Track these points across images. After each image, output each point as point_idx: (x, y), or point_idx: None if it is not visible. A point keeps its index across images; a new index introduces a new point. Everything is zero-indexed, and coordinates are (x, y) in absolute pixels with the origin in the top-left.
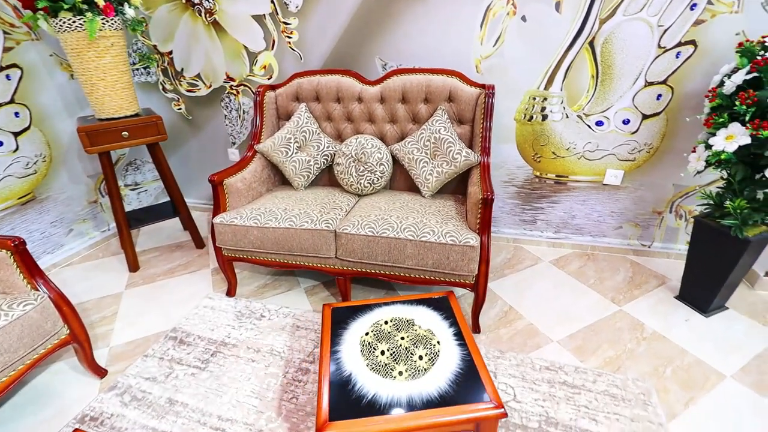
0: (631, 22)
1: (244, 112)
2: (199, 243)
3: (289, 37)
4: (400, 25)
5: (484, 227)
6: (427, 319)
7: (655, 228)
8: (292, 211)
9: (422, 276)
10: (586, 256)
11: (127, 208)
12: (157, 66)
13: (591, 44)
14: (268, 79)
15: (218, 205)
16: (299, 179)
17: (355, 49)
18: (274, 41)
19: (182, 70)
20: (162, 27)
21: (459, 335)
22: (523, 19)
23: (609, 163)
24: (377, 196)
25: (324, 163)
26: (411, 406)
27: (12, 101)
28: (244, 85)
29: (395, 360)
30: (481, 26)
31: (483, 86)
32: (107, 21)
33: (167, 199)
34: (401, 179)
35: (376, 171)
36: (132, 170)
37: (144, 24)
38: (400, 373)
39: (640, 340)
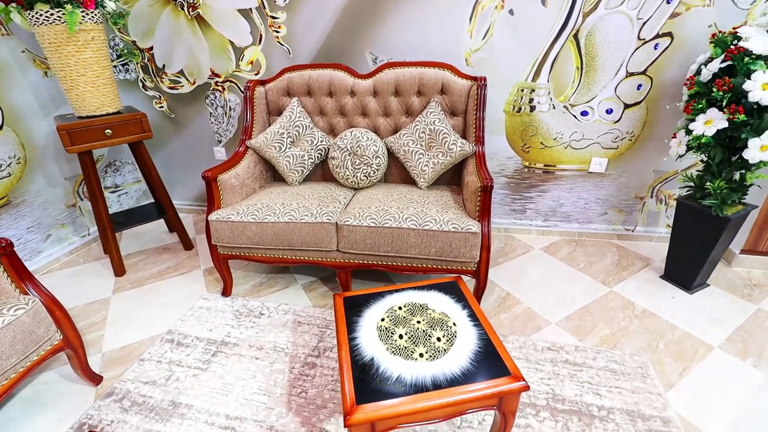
0: (612, 15)
1: (230, 109)
2: (187, 244)
3: (277, 32)
4: (390, 20)
5: (484, 214)
6: (440, 302)
7: (638, 213)
8: (291, 205)
9: (424, 265)
10: (574, 242)
11: (110, 211)
12: (137, 62)
13: (576, 37)
14: (256, 74)
15: (212, 201)
16: (293, 174)
17: (345, 44)
18: (261, 36)
19: (164, 66)
20: (142, 22)
21: (473, 316)
22: (511, 12)
23: (594, 151)
24: (374, 189)
25: (318, 157)
26: (436, 385)
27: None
28: (231, 82)
29: (414, 343)
30: (470, 20)
31: (475, 78)
32: (87, 13)
33: (149, 201)
34: (396, 172)
35: (372, 164)
36: (111, 172)
37: (125, 17)
38: (421, 354)
39: (632, 318)
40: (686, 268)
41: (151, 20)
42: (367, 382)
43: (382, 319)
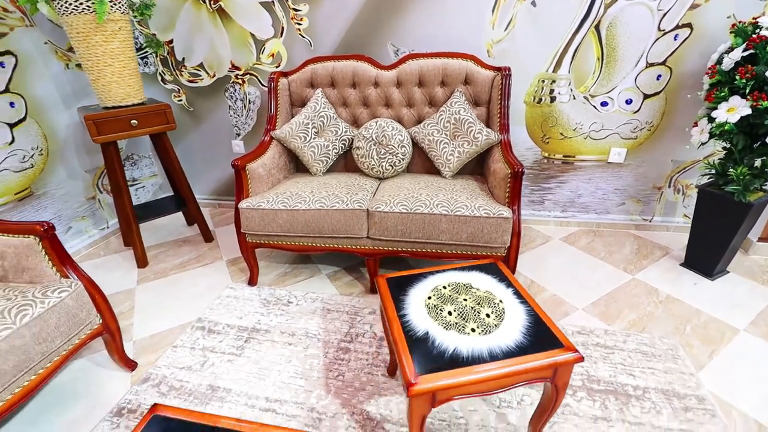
0: (633, 7)
1: (250, 102)
2: (207, 237)
3: (299, 24)
4: (412, 12)
5: (514, 199)
6: (483, 282)
7: (656, 203)
8: (320, 193)
9: (454, 251)
10: (592, 232)
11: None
12: (159, 55)
13: (597, 28)
14: (277, 66)
15: (241, 190)
16: (318, 165)
17: (367, 36)
18: (283, 28)
19: (183, 59)
20: (163, 15)
21: (518, 294)
22: (533, 3)
23: (613, 141)
24: (399, 178)
25: (342, 148)
26: (493, 357)
27: (7, 90)
28: (251, 74)
29: (464, 319)
30: (493, 11)
31: (499, 69)
32: (115, 4)
33: (166, 194)
34: (418, 162)
35: (397, 153)
36: (129, 165)
37: (151, 9)
38: (473, 329)
39: (657, 304)
40: (707, 255)
41: (172, 13)
42: (424, 355)
43: (429, 297)
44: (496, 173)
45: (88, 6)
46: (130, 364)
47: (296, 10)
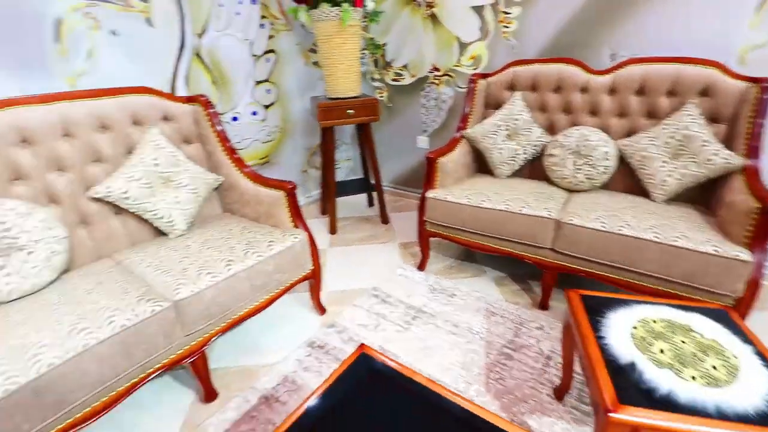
0: None
1: (442, 102)
2: (385, 219)
3: (507, 27)
4: (639, 12)
5: (759, 241)
6: (707, 328)
7: None
8: (504, 195)
9: (660, 287)
10: None
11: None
12: (376, 56)
13: None
14: (475, 69)
15: (430, 181)
16: (503, 167)
17: (578, 39)
18: (488, 32)
19: (392, 61)
20: (382, 21)
21: (761, 355)
22: None
23: None
24: (594, 194)
25: (532, 154)
26: (722, 416)
27: (267, 80)
28: (448, 75)
29: (680, 362)
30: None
31: (756, 80)
32: (356, 11)
33: (356, 177)
34: (620, 179)
35: (598, 166)
36: None
37: (380, 15)
38: (693, 377)
39: None
40: None
41: (390, 18)
42: (628, 386)
43: (635, 328)
44: (733, 206)
45: (336, 14)
46: (322, 309)
47: (506, 12)
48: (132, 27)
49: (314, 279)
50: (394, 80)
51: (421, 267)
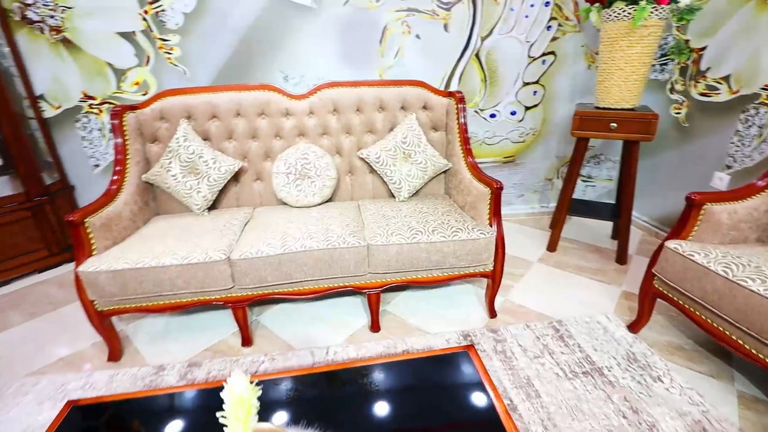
0: None
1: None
2: (622, 258)
3: None
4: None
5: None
6: None
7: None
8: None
9: None
10: None
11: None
12: (680, 63)
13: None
14: None
15: (680, 227)
16: None
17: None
18: None
19: (707, 69)
20: (706, 18)
21: None
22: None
23: None
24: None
25: None
26: None
27: (537, 82)
28: None
29: None
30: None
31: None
32: (657, 9)
33: (609, 201)
34: None
35: None
36: (593, 163)
37: (694, 13)
38: None
39: None
40: None
41: (718, 18)
42: None
43: None
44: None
45: (628, 13)
46: (492, 312)
47: None
48: (432, 32)
49: (492, 280)
50: (702, 94)
51: (633, 328)
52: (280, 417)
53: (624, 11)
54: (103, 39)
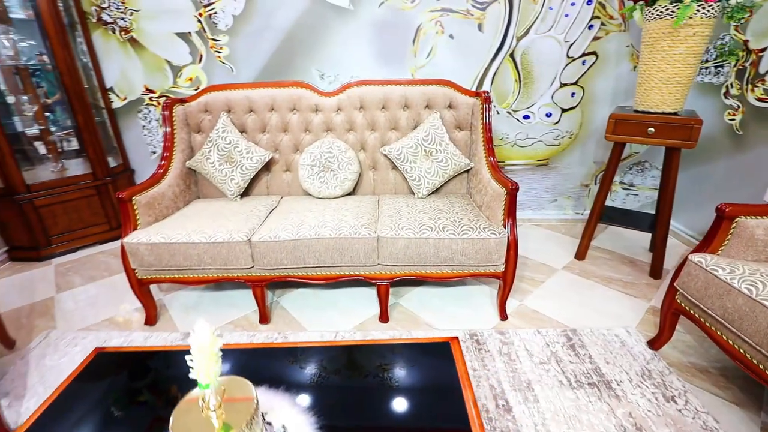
0: None
1: None
2: (656, 272)
3: None
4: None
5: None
6: None
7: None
8: None
9: None
10: None
11: (610, 203)
12: (735, 65)
13: None
14: None
15: (708, 240)
16: None
17: None
18: None
19: (766, 72)
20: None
21: None
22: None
23: None
24: None
25: None
26: None
27: (575, 83)
28: None
29: None
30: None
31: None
32: (704, 7)
33: (650, 211)
34: None
35: None
36: (636, 170)
37: (745, 11)
38: None
39: None
40: None
41: None
42: None
43: None
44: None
45: (672, 12)
46: (503, 314)
47: None
48: (465, 31)
49: (504, 282)
50: (760, 99)
51: (653, 344)
52: (261, 381)
53: (667, 9)
54: (163, 39)
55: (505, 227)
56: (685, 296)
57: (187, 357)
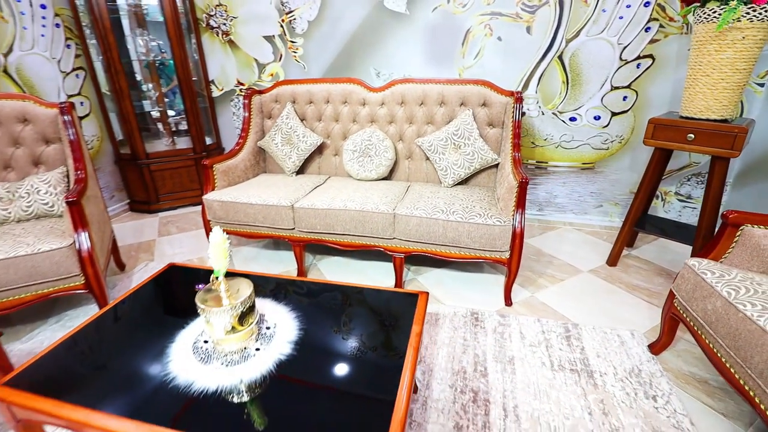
0: None
1: None
2: None
3: None
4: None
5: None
6: None
7: None
8: None
9: None
10: None
11: (662, 215)
12: None
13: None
14: None
15: (712, 249)
16: None
17: None
18: None
19: None
20: None
21: None
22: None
23: None
24: None
25: None
26: None
27: (628, 86)
28: None
29: None
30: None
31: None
32: (755, 10)
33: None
34: None
35: None
36: (695, 182)
37: None
38: None
39: None
40: None
41: None
42: None
43: None
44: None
45: (719, 14)
46: (508, 300)
47: None
48: (514, 34)
49: (509, 269)
50: None
51: (654, 349)
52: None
53: (714, 12)
54: (253, 41)
55: (513, 217)
56: (679, 300)
57: (207, 252)
